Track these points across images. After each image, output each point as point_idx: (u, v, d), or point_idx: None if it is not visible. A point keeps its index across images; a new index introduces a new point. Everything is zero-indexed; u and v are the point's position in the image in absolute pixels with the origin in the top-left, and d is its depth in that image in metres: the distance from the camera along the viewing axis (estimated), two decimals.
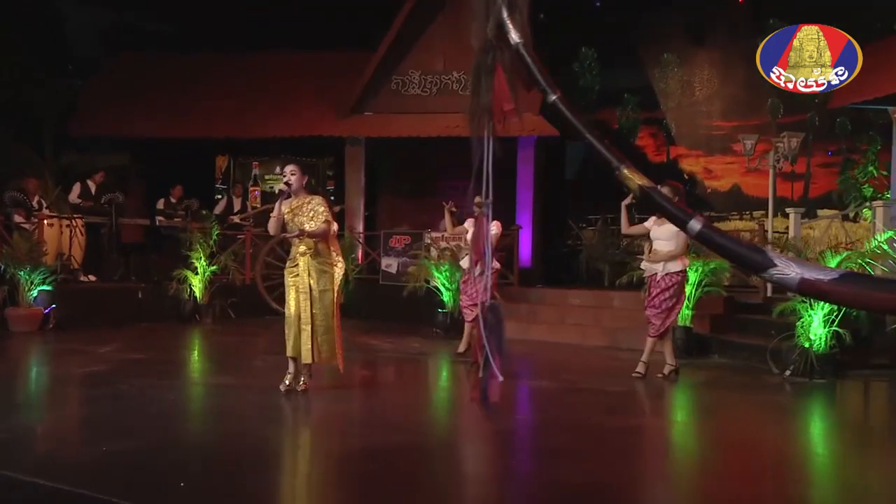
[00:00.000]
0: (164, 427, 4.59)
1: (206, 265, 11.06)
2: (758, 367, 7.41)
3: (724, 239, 2.21)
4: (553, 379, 6.69)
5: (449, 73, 13.37)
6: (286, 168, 5.60)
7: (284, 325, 5.58)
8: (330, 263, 5.52)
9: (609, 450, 4.32)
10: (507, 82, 2.33)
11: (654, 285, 6.66)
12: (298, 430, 4.87)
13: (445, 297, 10.05)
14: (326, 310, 5.49)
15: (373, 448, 4.23)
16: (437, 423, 5.00)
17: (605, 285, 13.09)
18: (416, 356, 8.19)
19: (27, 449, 4.08)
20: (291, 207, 5.54)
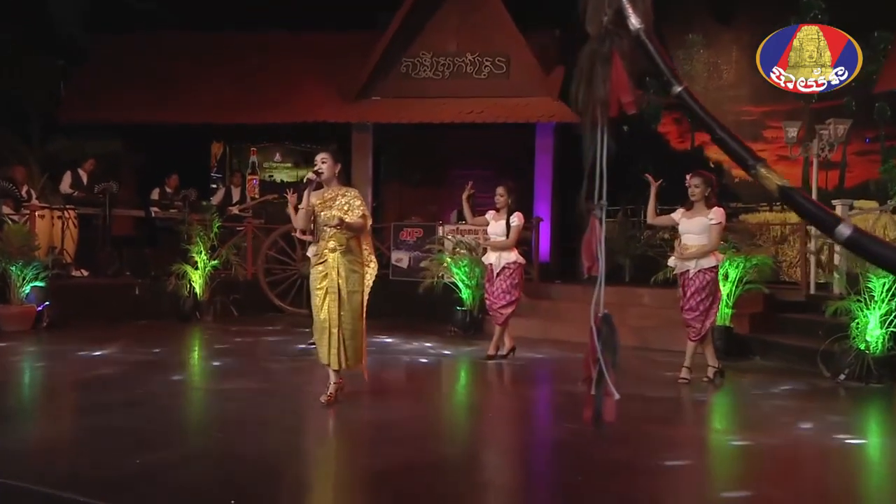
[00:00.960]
0: (194, 436, 4.51)
1: (207, 259, 10.96)
2: (806, 370, 7.36)
3: (881, 247, 2.12)
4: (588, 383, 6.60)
5: (462, 54, 13.26)
6: (317, 156, 5.45)
7: (313, 330, 5.48)
8: (361, 263, 5.39)
9: (667, 463, 4.24)
10: (625, 72, 2.23)
11: (686, 284, 6.57)
12: (335, 442, 4.80)
13: (464, 295, 9.98)
14: (354, 313, 5.37)
15: (417, 463, 4.16)
16: (480, 433, 4.92)
17: (625, 280, 13.04)
18: (439, 358, 8.12)
19: (49, 461, 4.00)
20: (323, 199, 5.41)
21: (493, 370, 7.46)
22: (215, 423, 4.91)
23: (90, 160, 11.99)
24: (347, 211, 5.34)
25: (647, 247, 13.52)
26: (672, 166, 14.57)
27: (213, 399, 5.65)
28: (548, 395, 6.07)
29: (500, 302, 7.76)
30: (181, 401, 5.55)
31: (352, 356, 5.39)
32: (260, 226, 12.69)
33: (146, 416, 5.02)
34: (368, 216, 5.40)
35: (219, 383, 6.23)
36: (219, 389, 5.96)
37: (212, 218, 11.19)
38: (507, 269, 7.75)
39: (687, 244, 6.53)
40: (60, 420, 4.88)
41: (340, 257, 5.36)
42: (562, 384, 6.57)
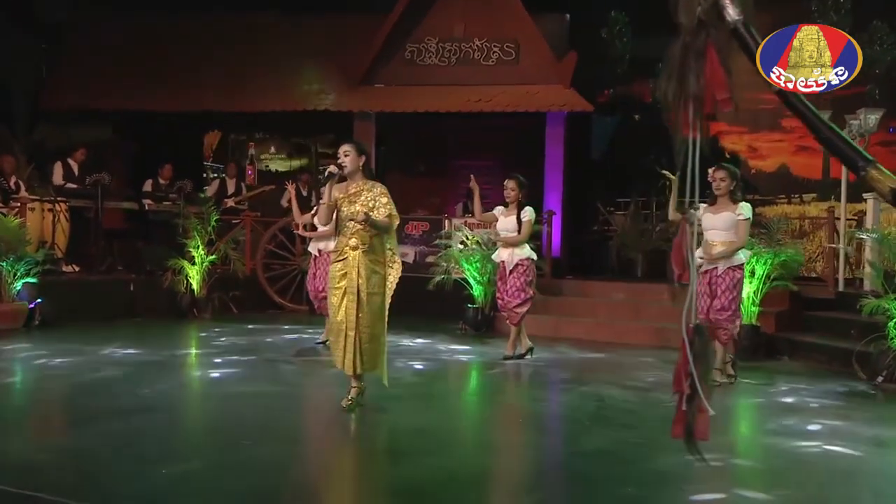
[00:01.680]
0: (221, 445, 4.47)
1: (204, 254, 10.90)
2: (839, 371, 7.38)
3: None
4: (619, 385, 6.60)
5: (470, 40, 13.19)
6: (340, 148, 5.38)
7: (330, 332, 5.43)
8: (383, 263, 5.33)
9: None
10: (720, 66, 2.20)
11: (715, 283, 6.51)
12: (369, 452, 4.76)
13: (476, 292, 9.95)
14: (374, 316, 5.30)
15: (460, 475, 4.13)
16: (518, 441, 4.89)
17: (637, 276, 13.04)
18: (455, 359, 8.10)
19: (67, 470, 3.95)
20: (346, 193, 5.35)
21: (513, 372, 7.44)
22: (237, 429, 4.87)
23: (80, 149, 11.88)
24: (373, 208, 5.27)
25: (661, 241, 13.54)
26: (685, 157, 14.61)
27: (230, 403, 5.60)
28: (576, 398, 6.04)
29: (514, 301, 7.73)
30: (197, 405, 5.51)
31: (368, 360, 5.31)
32: (258, 219, 12.62)
33: (163, 422, 4.98)
34: (396, 215, 5.33)
35: (232, 386, 6.18)
36: (234, 393, 5.91)
37: (209, 211, 11.12)
38: (521, 266, 7.73)
39: (712, 241, 6.48)
40: (72, 426, 4.83)
41: (362, 256, 5.29)
42: (588, 386, 6.56)
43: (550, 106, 12.58)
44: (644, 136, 14.68)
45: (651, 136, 14.69)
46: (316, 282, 8.43)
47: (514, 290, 7.72)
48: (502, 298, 7.87)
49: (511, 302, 7.71)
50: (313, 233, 8.52)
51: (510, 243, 7.72)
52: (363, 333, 5.28)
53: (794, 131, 13.78)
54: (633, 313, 10.07)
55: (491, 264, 9.75)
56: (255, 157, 15.30)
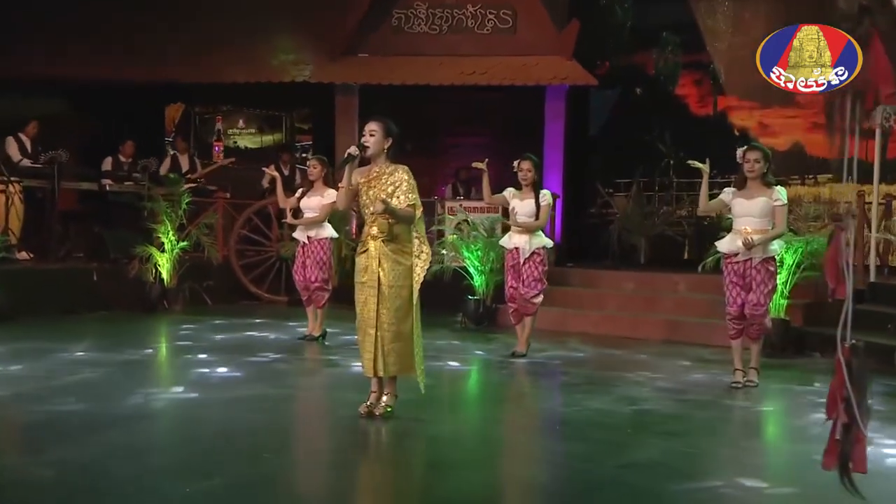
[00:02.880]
0: (238, 458, 4.40)
1: (175, 240, 10.73)
2: (875, 370, 7.43)
3: None
4: (649, 387, 6.60)
5: (462, 6, 13.08)
6: (367, 126, 5.25)
7: (357, 331, 5.35)
8: (408, 253, 5.21)
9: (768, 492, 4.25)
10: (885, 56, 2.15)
11: (750, 275, 6.49)
12: (402, 464, 4.70)
13: (477, 282, 9.91)
14: (399, 312, 5.19)
15: (506, 489, 4.09)
16: (556, 451, 4.85)
17: (641, 263, 13.10)
18: (462, 356, 8.08)
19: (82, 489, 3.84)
20: (368, 177, 5.26)
21: (530, 371, 7.45)
22: (251, 439, 4.79)
23: (32, 123, 11.62)
24: (393, 193, 5.18)
25: (666, 225, 13.62)
26: (692, 134, 14.68)
27: (233, 409, 5.50)
28: (609, 402, 6.01)
29: (532, 291, 7.73)
30: (198, 411, 5.40)
31: (395, 362, 5.21)
32: (231, 201, 12.47)
33: (167, 431, 4.90)
34: (419, 204, 5.22)
35: (230, 389, 6.07)
36: (235, 397, 5.81)
37: (180, 192, 10.94)
38: (538, 255, 7.73)
39: (745, 229, 6.44)
40: (67, 437, 4.67)
41: (383, 246, 5.19)
42: (617, 388, 6.55)
43: (551, 79, 12.53)
44: (646, 111, 14.74)
45: (653, 111, 14.77)
46: (306, 272, 8.34)
47: (530, 279, 7.70)
48: (515, 288, 7.82)
49: (528, 292, 7.70)
50: (301, 221, 8.41)
51: (528, 229, 7.68)
52: (386, 332, 5.19)
53: (808, 107, 13.89)
54: (646, 306, 10.09)
55: (494, 252, 9.74)
56: (223, 132, 15.08)
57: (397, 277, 5.20)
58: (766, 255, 6.52)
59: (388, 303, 5.20)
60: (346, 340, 8.45)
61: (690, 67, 14.67)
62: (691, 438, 5.18)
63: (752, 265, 6.51)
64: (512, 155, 8.07)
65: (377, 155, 5.23)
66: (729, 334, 6.71)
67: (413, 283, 5.22)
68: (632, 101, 15.04)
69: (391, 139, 5.26)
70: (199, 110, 15.13)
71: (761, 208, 6.44)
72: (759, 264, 6.50)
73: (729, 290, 6.62)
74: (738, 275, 6.55)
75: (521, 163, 7.77)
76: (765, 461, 4.89)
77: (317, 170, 8.24)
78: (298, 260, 8.43)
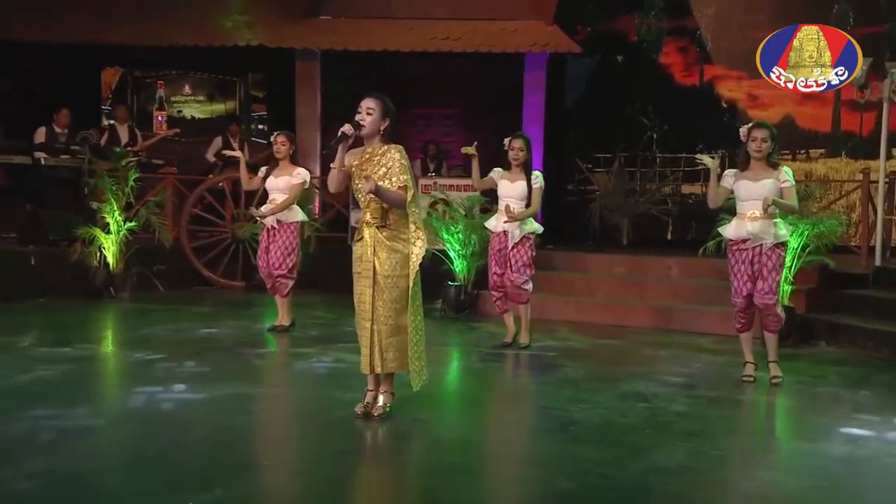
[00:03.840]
0: (235, 467, 4.36)
1: (121, 221, 10.54)
2: (888, 360, 7.63)
3: None
4: (655, 381, 6.66)
5: None
6: (363, 102, 5.19)
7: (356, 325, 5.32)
8: (404, 240, 5.19)
9: None
10: None
11: (759, 262, 6.51)
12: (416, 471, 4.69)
13: (457, 267, 9.90)
14: (396, 303, 5.18)
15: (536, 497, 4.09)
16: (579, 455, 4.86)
17: (623, 244, 13.20)
18: (448, 348, 8.11)
19: None
20: (361, 159, 5.21)
21: (525, 365, 7.52)
22: (244, 445, 4.76)
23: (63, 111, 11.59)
24: (386, 175, 5.14)
25: (650, 204, 13.72)
26: (676, 105, 14.78)
27: (217, 411, 5.44)
28: (617, 399, 6.05)
29: (522, 277, 7.77)
30: (177, 415, 5.31)
31: (394, 358, 5.21)
32: (180, 177, 12.29)
33: (148, 439, 4.80)
34: (411, 186, 5.17)
35: (207, 387, 5.96)
36: (215, 398, 5.73)
37: (126, 167, 10.74)
38: (528, 240, 7.75)
39: (752, 214, 6.44)
40: (46, 445, 4.56)
41: (378, 233, 5.18)
42: (622, 383, 6.60)
43: (531, 46, 12.52)
44: (628, 82, 14.77)
45: (635, 81, 14.82)
46: (270, 257, 8.23)
47: (519, 265, 7.73)
48: (500, 275, 7.83)
49: (518, 279, 7.73)
50: (271, 210, 8.15)
51: (523, 215, 7.67)
52: (383, 325, 5.18)
53: None
54: (638, 291, 10.14)
55: (476, 235, 9.75)
56: (165, 99, 14.80)
57: (394, 266, 5.18)
58: (777, 241, 6.53)
59: (385, 294, 5.18)
60: (319, 332, 8.43)
61: (675, 34, 14.70)
62: (713, 439, 5.26)
63: (762, 251, 6.53)
64: (486, 128, 8.05)
65: (372, 135, 5.19)
66: (735, 327, 6.76)
67: (410, 272, 5.19)
68: (612, 70, 15.04)
69: (388, 119, 5.22)
70: (139, 75, 14.81)
71: (769, 191, 6.40)
72: (770, 250, 6.51)
73: (736, 278, 6.62)
74: (747, 263, 6.56)
75: (512, 141, 7.74)
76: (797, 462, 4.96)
77: (285, 147, 8.10)
78: (263, 245, 8.27)
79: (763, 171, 6.47)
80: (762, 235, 6.48)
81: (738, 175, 6.57)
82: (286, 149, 8.10)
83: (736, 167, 6.65)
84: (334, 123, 13.69)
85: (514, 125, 12.79)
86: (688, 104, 14.45)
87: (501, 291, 7.88)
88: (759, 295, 6.57)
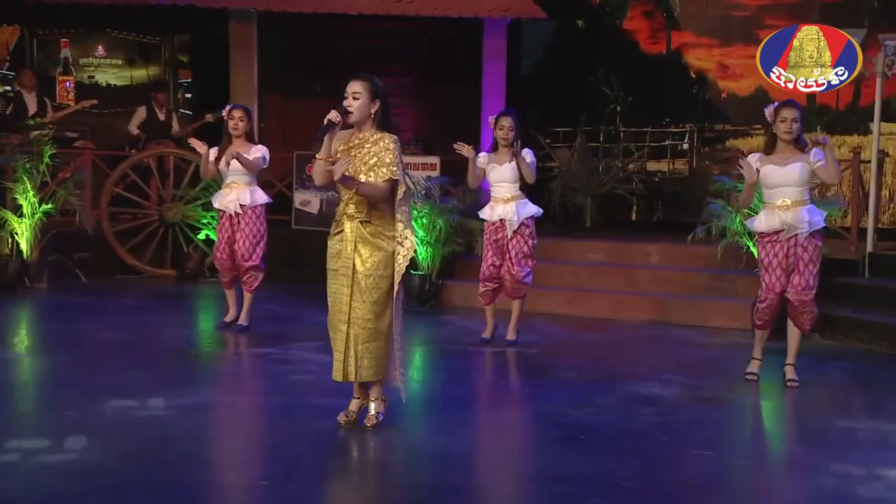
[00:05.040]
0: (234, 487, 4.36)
1: (36, 203, 10.31)
2: (892, 354, 7.90)
3: None
4: (656, 380, 6.78)
5: None
6: (349, 86, 5.16)
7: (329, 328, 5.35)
8: (390, 238, 5.18)
9: None
10: None
11: (794, 254, 6.51)
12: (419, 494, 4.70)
13: (421, 255, 9.92)
14: (376, 306, 5.18)
15: None
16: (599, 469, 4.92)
17: (587, 226, 13.34)
18: (422, 346, 8.16)
19: None
20: (348, 146, 5.18)
21: (513, 363, 7.63)
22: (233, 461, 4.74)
23: None
24: (374, 166, 5.11)
25: (616, 183, 13.88)
26: (642, 75, 14.93)
27: (189, 425, 5.38)
28: (621, 401, 6.17)
29: (524, 270, 7.81)
30: (149, 430, 5.24)
31: (370, 366, 5.20)
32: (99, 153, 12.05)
33: (126, 458, 4.73)
34: (403, 181, 5.13)
35: (166, 397, 5.88)
36: (181, 409, 5.68)
37: (41, 141, 10.51)
38: (526, 228, 7.77)
39: (784, 202, 6.43)
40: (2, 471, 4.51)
41: (361, 228, 5.17)
42: (622, 384, 6.72)
43: (491, 10, 12.51)
44: (589, 49, 14.87)
45: (598, 49, 14.93)
46: (237, 247, 8.02)
47: (520, 256, 7.75)
48: (498, 266, 7.85)
49: (520, 272, 7.77)
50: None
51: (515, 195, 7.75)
52: (361, 329, 5.18)
53: None
54: (618, 281, 10.17)
55: (441, 220, 9.79)
56: (73, 62, 14.42)
57: (376, 266, 5.17)
58: (814, 229, 6.49)
59: (365, 295, 5.18)
60: (275, 328, 8.38)
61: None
62: (733, 447, 5.43)
63: (797, 242, 6.49)
64: (441, 101, 8.02)
65: (362, 121, 5.16)
66: (756, 323, 6.84)
67: (395, 273, 5.18)
68: (572, 36, 15.12)
69: (378, 101, 5.18)
70: (41, 34, 14.38)
71: (800, 176, 6.40)
72: (806, 241, 6.47)
73: (768, 274, 6.58)
74: (781, 256, 6.52)
75: (500, 119, 7.74)
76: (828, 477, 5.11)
77: (243, 122, 7.96)
78: (223, 234, 8.06)
79: (791, 153, 6.45)
80: (797, 225, 6.43)
81: (762, 159, 6.55)
82: (244, 125, 7.96)
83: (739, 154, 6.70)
84: (271, 94, 13.70)
85: (472, 98, 12.88)
86: (654, 74, 14.61)
87: (495, 283, 7.91)
88: (795, 291, 6.55)
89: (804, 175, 6.41)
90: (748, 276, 9.23)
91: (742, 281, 9.46)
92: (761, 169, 6.50)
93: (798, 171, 6.39)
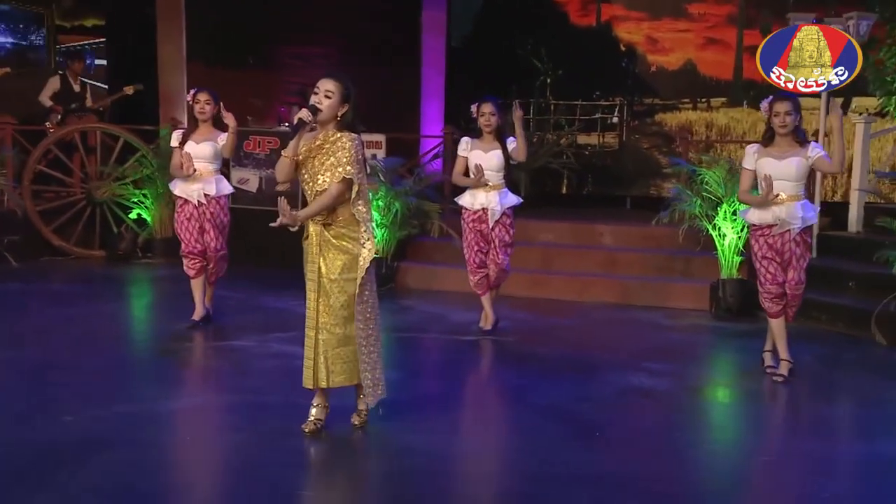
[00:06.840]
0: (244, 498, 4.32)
1: None
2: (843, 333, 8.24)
3: None
4: (637, 369, 6.87)
5: None
6: (320, 83, 5.02)
7: None
8: (354, 239, 5.11)
9: None
10: None
11: (789, 249, 6.58)
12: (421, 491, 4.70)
13: (377, 238, 9.81)
14: (344, 310, 5.13)
15: None
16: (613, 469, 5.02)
17: None
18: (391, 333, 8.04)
19: None
20: (310, 147, 5.06)
21: (491, 351, 7.64)
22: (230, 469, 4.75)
23: None
24: (332, 166, 5.00)
25: (550, 157, 13.98)
26: (572, 48, 15.03)
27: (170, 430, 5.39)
28: (609, 391, 6.28)
29: (507, 259, 7.86)
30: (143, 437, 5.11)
31: (340, 371, 5.19)
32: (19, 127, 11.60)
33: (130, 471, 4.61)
34: (357, 180, 5.03)
35: (140, 399, 5.76)
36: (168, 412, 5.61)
37: None
38: (507, 217, 7.79)
39: (780, 196, 6.47)
40: None
41: (324, 231, 5.11)
42: (605, 372, 6.84)
43: None
44: (518, 20, 14.89)
45: (526, 20, 14.95)
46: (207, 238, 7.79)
47: (502, 245, 7.78)
48: (485, 252, 7.86)
49: (504, 261, 7.81)
50: None
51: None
52: (329, 335, 5.15)
53: (702, 18, 14.55)
54: (574, 262, 10.24)
55: (398, 202, 9.73)
56: None
57: (341, 269, 5.12)
58: (807, 223, 6.62)
59: (331, 299, 5.14)
60: (240, 318, 8.25)
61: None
62: (745, 443, 5.62)
63: (790, 238, 6.58)
64: (378, 74, 7.93)
65: (328, 121, 5.06)
66: (769, 312, 6.81)
67: (359, 275, 5.08)
68: (501, 6, 15.11)
69: (347, 106, 5.07)
70: None
71: (797, 169, 6.47)
72: (798, 236, 6.58)
73: (765, 266, 6.67)
74: (776, 250, 6.63)
75: (480, 106, 7.71)
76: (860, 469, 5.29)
77: (210, 106, 7.67)
78: (192, 224, 7.76)
79: (789, 146, 6.52)
80: (790, 220, 6.52)
81: (760, 152, 6.61)
82: (211, 108, 7.67)
83: None
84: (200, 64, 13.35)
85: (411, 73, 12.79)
86: (583, 47, 14.74)
87: (484, 270, 7.90)
88: (790, 286, 6.67)
89: (801, 170, 6.51)
90: (704, 257, 9.47)
91: (697, 262, 9.69)
92: (758, 161, 6.59)
93: (795, 165, 6.48)
